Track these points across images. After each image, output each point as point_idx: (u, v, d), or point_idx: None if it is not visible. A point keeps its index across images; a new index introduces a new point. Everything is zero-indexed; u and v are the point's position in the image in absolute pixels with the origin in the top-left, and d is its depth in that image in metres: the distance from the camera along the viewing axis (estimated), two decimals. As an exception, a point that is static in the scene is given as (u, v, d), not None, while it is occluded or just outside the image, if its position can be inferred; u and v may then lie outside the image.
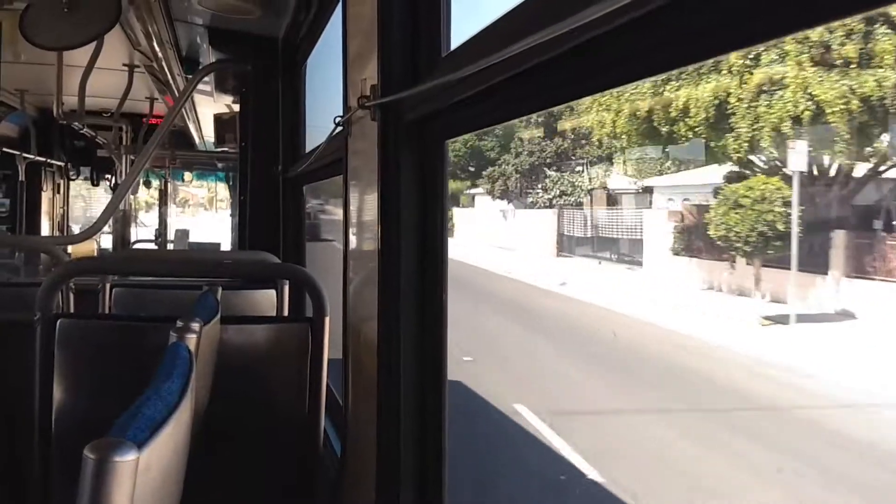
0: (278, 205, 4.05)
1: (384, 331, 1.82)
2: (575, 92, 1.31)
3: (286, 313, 3.09)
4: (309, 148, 3.90)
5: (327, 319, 2.22)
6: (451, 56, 1.63)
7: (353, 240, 2.18)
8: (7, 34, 3.64)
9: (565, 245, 22.65)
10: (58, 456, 2.04)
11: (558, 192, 24.13)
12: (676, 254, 16.17)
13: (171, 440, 0.96)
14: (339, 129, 2.25)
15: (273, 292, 3.08)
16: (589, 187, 23.35)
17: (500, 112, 1.51)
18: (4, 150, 7.34)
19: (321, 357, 2.20)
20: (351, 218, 2.18)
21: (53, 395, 2.05)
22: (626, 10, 0.93)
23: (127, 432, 0.81)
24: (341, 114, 2.23)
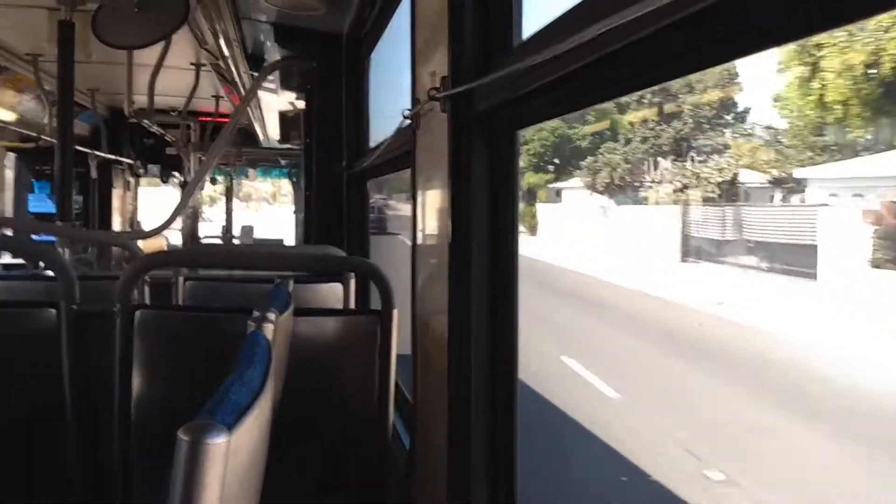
0: (342, 200, 4.08)
1: (455, 325, 1.81)
2: (650, 79, 1.28)
3: (352, 306, 3.11)
4: (373, 143, 3.92)
5: (395, 312, 2.22)
6: (524, 45, 1.61)
7: (422, 233, 2.18)
8: (80, 34, 3.74)
9: (691, 248, 18.32)
10: (136, 440, 2.10)
11: (679, 184, 19.46)
12: (877, 265, 12.09)
13: (255, 425, 0.97)
14: (407, 122, 2.25)
15: (339, 286, 3.11)
16: (719, 179, 18.64)
17: (572, 101, 1.48)
18: (77, 148, 7.58)
19: (389, 349, 2.21)
20: (420, 211, 2.18)
21: (132, 383, 2.11)
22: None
23: (216, 416, 0.82)
24: (408, 107, 2.22)
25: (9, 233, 5.38)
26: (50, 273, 3.89)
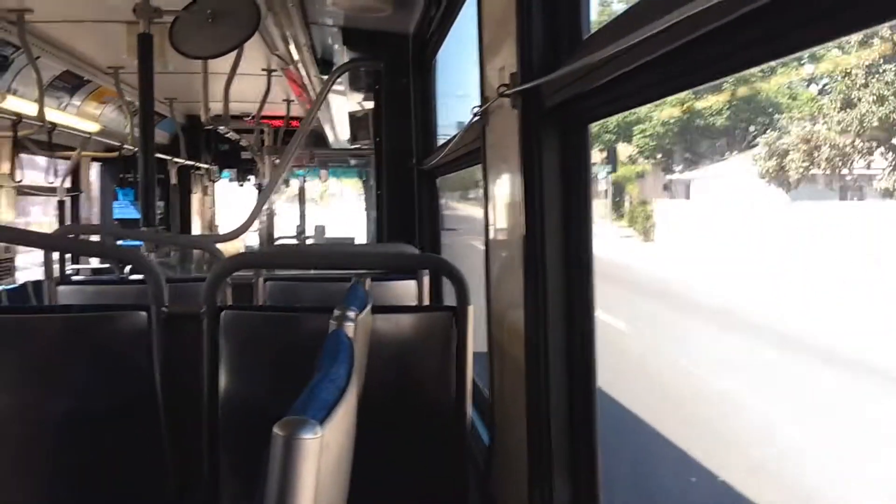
0: (413, 197, 4.12)
1: (531, 320, 1.82)
2: (721, 70, 1.26)
3: (426, 302, 3.15)
4: (441, 141, 3.95)
5: (471, 308, 2.24)
6: (593, 38, 1.61)
7: (494, 229, 2.19)
8: (158, 46, 3.88)
9: None
10: (224, 435, 2.18)
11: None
12: None
13: (343, 421, 1.00)
14: (476, 119, 2.27)
15: (412, 283, 3.15)
16: None
17: (643, 94, 1.47)
18: (158, 155, 7.85)
19: (465, 345, 2.23)
20: (492, 207, 2.19)
21: (220, 381, 2.19)
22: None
23: (308, 412, 0.85)
24: (477, 104, 2.24)
25: (96, 239, 5.61)
26: (135, 276, 4.05)
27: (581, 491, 1.76)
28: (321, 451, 0.82)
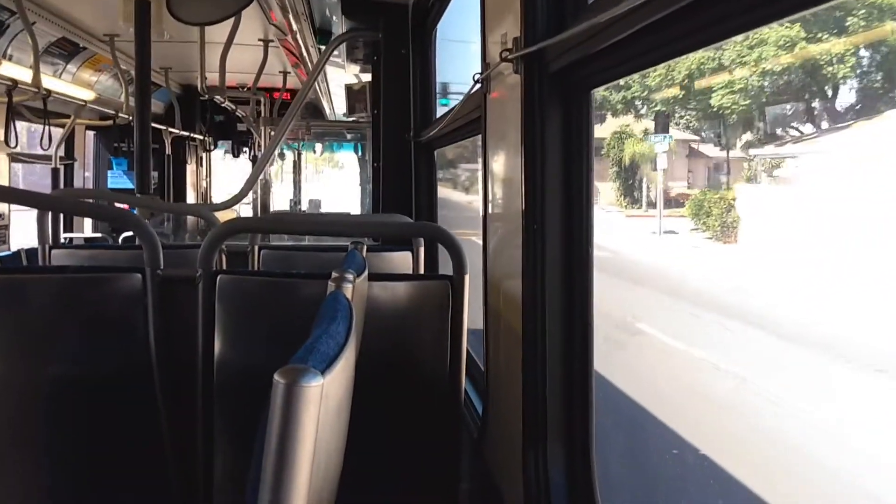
0: (410, 169, 4.10)
1: (528, 290, 1.81)
2: (727, 30, 1.25)
3: (421, 272, 3.14)
4: (440, 112, 3.92)
5: (467, 277, 2.23)
6: (598, 0, 1.59)
7: (493, 198, 2.18)
8: (155, 14, 3.83)
9: None
10: (218, 397, 2.18)
11: None
12: None
13: (343, 374, 0.99)
14: (477, 87, 2.24)
15: (408, 254, 3.15)
16: None
17: (648, 56, 1.45)
18: (152, 125, 7.80)
19: (461, 314, 2.22)
20: (491, 177, 2.17)
21: (215, 344, 2.18)
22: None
23: (308, 362, 0.84)
24: (478, 72, 2.21)
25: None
26: (129, 244, 4.03)
27: (575, 459, 1.76)
28: (322, 400, 0.81)
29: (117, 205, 3.73)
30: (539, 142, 1.75)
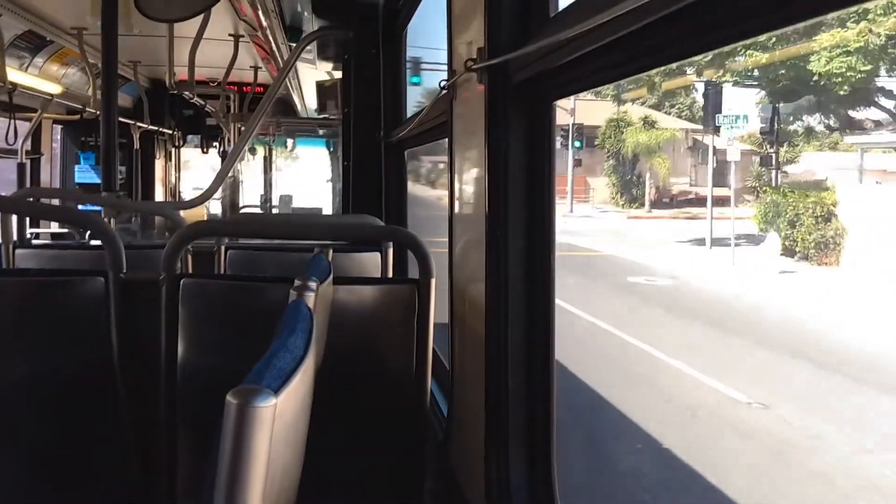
0: (380, 169, 4.11)
1: (492, 293, 1.84)
2: (688, 50, 1.28)
3: (390, 275, 3.16)
4: (410, 113, 3.93)
5: (433, 281, 2.25)
6: (561, 15, 1.61)
7: (458, 203, 2.20)
8: (122, 8, 3.80)
9: None
10: (182, 403, 2.18)
11: None
12: None
13: (299, 390, 1.01)
14: (444, 92, 2.27)
15: (377, 255, 3.15)
16: None
17: (610, 72, 1.48)
18: (120, 119, 7.71)
19: (427, 317, 2.24)
20: (456, 181, 2.20)
21: (178, 349, 2.18)
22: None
23: (262, 380, 0.86)
24: (445, 79, 2.24)
25: (56, 203, 5.51)
26: (95, 242, 4.00)
27: (536, 461, 1.80)
28: (275, 420, 0.83)
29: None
30: (502, 150, 1.78)
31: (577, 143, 32.76)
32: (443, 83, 2.19)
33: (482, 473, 1.89)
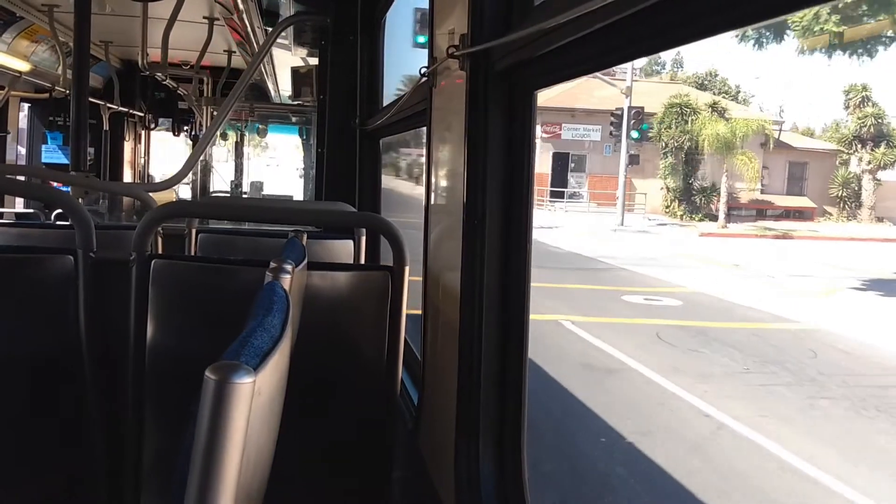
0: (355, 158, 4.08)
1: (467, 283, 1.84)
2: (669, 41, 1.29)
3: (362, 262, 3.14)
4: (386, 102, 3.91)
5: (407, 268, 2.25)
6: (546, 3, 1.61)
7: (436, 190, 2.19)
8: (95, -15, 3.73)
9: None
10: (149, 384, 2.15)
11: None
12: None
13: (276, 369, 1.00)
14: (424, 80, 2.25)
15: (349, 242, 3.14)
16: None
17: (592, 62, 1.48)
18: (90, 99, 7.59)
19: (400, 305, 2.24)
20: (434, 169, 2.19)
21: (147, 330, 2.15)
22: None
23: (241, 358, 0.84)
24: (425, 66, 2.23)
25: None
26: (62, 222, 3.93)
27: (506, 451, 1.80)
28: (253, 397, 0.82)
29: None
30: (482, 139, 1.78)
31: (635, 134, 26.44)
32: (423, 70, 2.18)
33: (451, 462, 1.89)
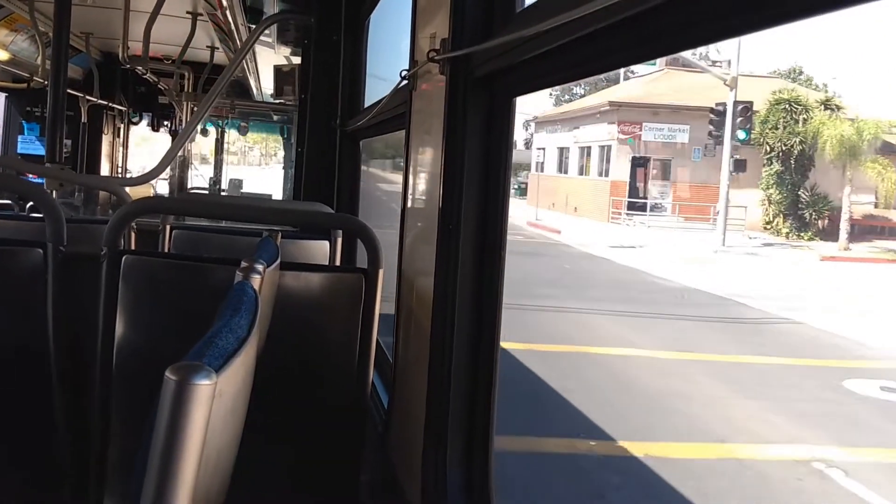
0: (335, 158, 4.07)
1: (440, 287, 1.83)
2: (651, 52, 1.29)
3: (338, 264, 3.13)
4: (368, 104, 3.90)
5: (381, 272, 2.24)
6: (526, 11, 1.61)
7: (412, 194, 2.19)
8: (77, -25, 3.69)
9: None
10: (118, 382, 2.12)
11: None
12: None
13: (240, 370, 0.99)
14: (404, 83, 2.25)
15: (325, 243, 3.13)
16: None
17: (572, 70, 1.49)
18: (69, 91, 7.51)
19: (373, 308, 2.23)
20: (411, 172, 2.18)
21: (116, 327, 2.12)
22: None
23: (203, 359, 0.83)
24: (406, 69, 2.22)
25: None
26: (36, 215, 3.88)
27: (474, 457, 1.80)
28: (214, 399, 0.81)
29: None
30: (460, 144, 1.77)
31: (742, 135, 21.62)
32: (403, 73, 2.17)
33: (419, 467, 1.88)
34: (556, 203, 34.22)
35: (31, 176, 5.06)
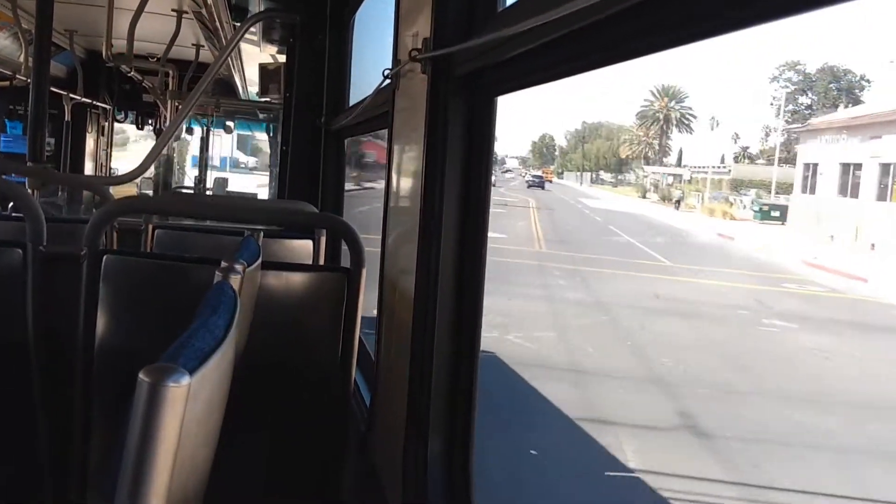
0: (319, 157, 4.06)
1: (422, 286, 1.83)
2: (630, 51, 1.29)
3: (321, 263, 3.12)
4: (353, 102, 3.90)
5: (364, 271, 2.24)
6: (507, 11, 1.62)
7: (394, 193, 2.19)
8: (60, -28, 3.66)
9: None
10: (98, 382, 2.11)
11: None
12: None
13: (216, 371, 0.98)
14: (387, 82, 2.25)
15: (310, 242, 3.12)
16: None
17: (553, 70, 1.49)
18: (52, 89, 7.45)
19: (356, 307, 2.23)
20: (394, 171, 2.18)
21: (97, 327, 2.10)
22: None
23: (178, 360, 0.83)
24: (389, 68, 2.22)
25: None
26: (18, 214, 3.85)
27: (454, 456, 1.80)
28: (188, 401, 0.80)
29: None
30: (441, 144, 1.78)
31: None
32: (386, 72, 2.17)
33: (400, 465, 1.88)
34: (839, 236, 27.52)
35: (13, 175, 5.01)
